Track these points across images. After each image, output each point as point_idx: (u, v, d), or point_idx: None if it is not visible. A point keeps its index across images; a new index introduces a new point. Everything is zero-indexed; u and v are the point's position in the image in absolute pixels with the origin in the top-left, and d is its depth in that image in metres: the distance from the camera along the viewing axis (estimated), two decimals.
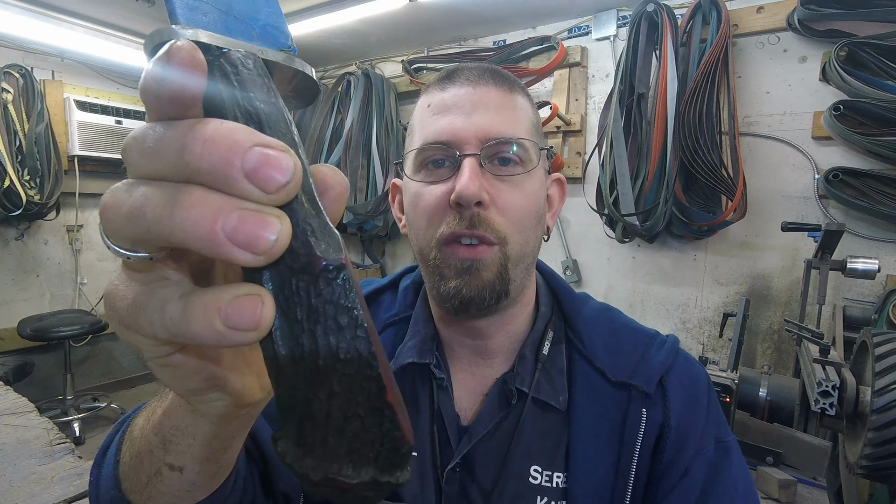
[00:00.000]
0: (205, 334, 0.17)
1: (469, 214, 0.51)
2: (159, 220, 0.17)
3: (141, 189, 0.18)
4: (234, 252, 0.16)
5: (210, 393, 0.25)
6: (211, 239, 0.16)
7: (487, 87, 0.54)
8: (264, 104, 0.19)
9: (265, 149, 0.17)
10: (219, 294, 0.17)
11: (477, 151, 0.52)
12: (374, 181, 2.93)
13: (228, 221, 0.16)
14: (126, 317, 0.20)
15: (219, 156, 0.16)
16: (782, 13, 1.96)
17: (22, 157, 2.86)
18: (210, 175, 0.17)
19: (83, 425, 2.97)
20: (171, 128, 0.18)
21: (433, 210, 0.53)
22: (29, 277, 3.23)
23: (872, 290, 1.84)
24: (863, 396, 1.18)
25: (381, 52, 3.15)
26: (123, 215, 0.18)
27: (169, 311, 0.18)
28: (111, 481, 0.36)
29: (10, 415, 1.11)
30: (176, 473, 0.31)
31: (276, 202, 0.17)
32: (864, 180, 1.79)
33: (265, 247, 0.17)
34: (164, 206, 0.17)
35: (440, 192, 0.52)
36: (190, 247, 0.17)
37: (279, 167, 0.17)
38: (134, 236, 0.19)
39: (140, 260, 0.20)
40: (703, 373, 0.58)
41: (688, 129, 1.98)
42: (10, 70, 2.86)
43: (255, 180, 0.17)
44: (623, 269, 2.46)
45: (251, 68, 0.20)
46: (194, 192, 0.17)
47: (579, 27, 2.52)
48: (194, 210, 0.16)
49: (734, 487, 0.51)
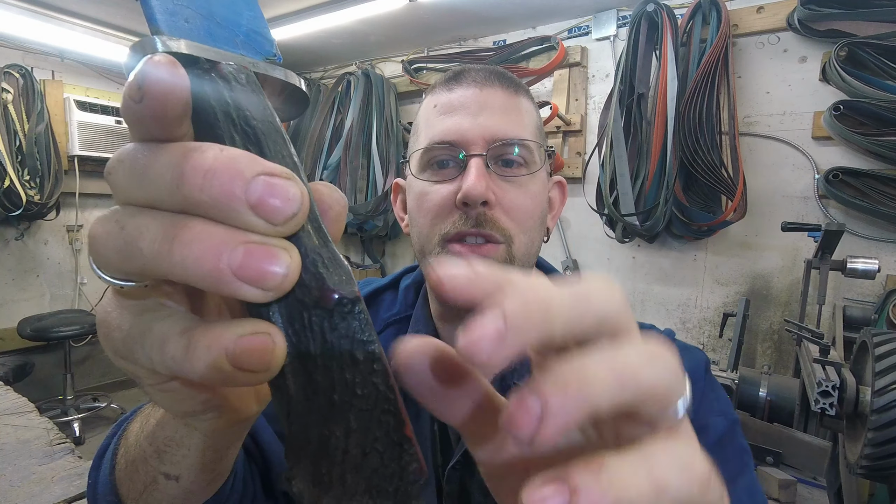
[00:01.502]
0: (210, 375, 0.16)
1: (475, 214, 0.51)
2: (156, 258, 0.16)
3: (133, 221, 0.17)
4: (242, 289, 0.15)
5: (207, 414, 0.24)
6: (215, 277, 0.15)
7: (494, 88, 0.55)
8: (262, 123, 0.18)
9: (270, 177, 0.16)
10: (224, 331, 0.16)
11: (483, 152, 0.52)
12: (374, 181, 2.93)
13: (234, 257, 0.15)
14: (121, 349, 0.19)
15: (221, 188, 0.15)
16: (782, 13, 1.96)
17: (22, 157, 2.86)
18: (211, 207, 0.16)
19: (83, 425, 2.97)
20: (164, 153, 0.16)
21: (438, 209, 0.53)
22: (29, 277, 3.23)
23: (872, 290, 1.84)
24: (863, 396, 1.18)
25: (381, 52, 3.15)
26: (115, 250, 0.17)
27: (170, 350, 0.17)
28: (108, 486, 0.36)
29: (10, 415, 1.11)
30: (172, 482, 0.31)
31: (283, 234, 0.16)
32: (864, 180, 1.79)
33: (274, 282, 0.16)
34: (162, 242, 0.16)
35: (446, 191, 0.53)
36: (192, 284, 0.16)
37: (286, 197, 0.16)
38: (128, 270, 0.17)
39: (132, 289, 0.19)
40: (701, 357, 0.58)
41: (688, 129, 1.98)
42: (10, 70, 2.87)
43: (261, 212, 0.16)
44: (623, 269, 2.46)
45: (244, 83, 0.19)
46: (195, 225, 0.16)
47: (579, 27, 2.52)
48: (196, 245, 0.15)
49: (741, 459, 0.51)
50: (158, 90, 0.16)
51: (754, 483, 0.49)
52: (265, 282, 0.16)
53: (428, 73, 2.94)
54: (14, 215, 2.83)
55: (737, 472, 0.49)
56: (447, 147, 0.53)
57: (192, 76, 0.18)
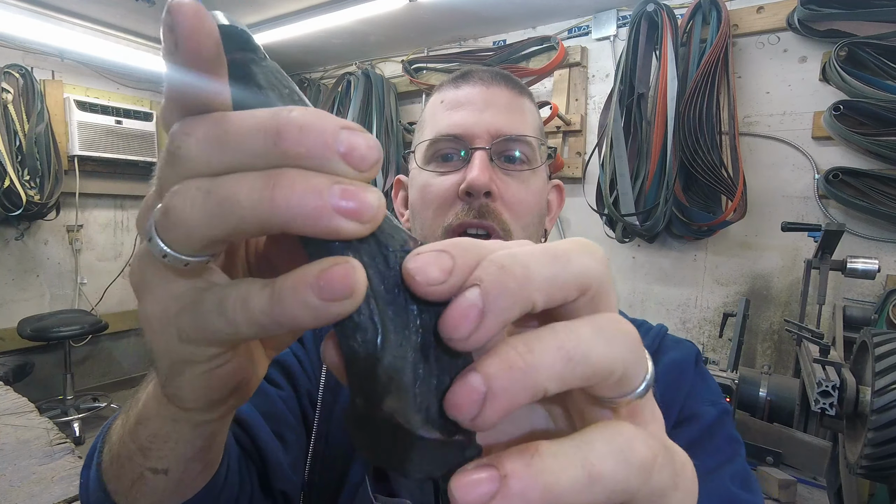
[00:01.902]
0: (300, 313, 0.17)
1: (478, 205, 0.52)
2: (259, 206, 0.17)
3: (221, 183, 0.18)
4: (341, 223, 0.17)
5: (227, 400, 0.25)
6: (318, 214, 0.17)
7: (499, 87, 0.57)
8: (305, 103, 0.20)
9: (351, 131, 0.17)
10: (305, 271, 0.17)
11: (487, 146, 0.54)
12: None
13: (332, 195, 0.17)
14: (192, 328, 0.20)
15: (316, 139, 0.17)
16: (782, 13, 1.96)
17: (22, 157, 2.86)
18: (307, 158, 0.17)
19: (83, 425, 2.97)
20: (246, 117, 0.18)
21: (442, 200, 0.55)
22: (29, 277, 3.23)
23: (872, 290, 1.84)
24: (863, 396, 1.18)
25: (381, 52, 3.15)
26: (205, 213, 0.17)
27: (255, 303, 0.18)
28: (96, 483, 0.36)
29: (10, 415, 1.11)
30: (160, 476, 0.31)
31: (367, 179, 0.18)
32: (864, 180, 1.79)
33: (370, 214, 0.17)
34: (263, 189, 0.17)
35: (449, 182, 0.54)
36: (293, 226, 0.17)
37: (368, 146, 0.18)
38: (218, 233, 0.18)
39: (197, 264, 0.19)
40: (692, 348, 0.58)
41: (688, 129, 1.98)
42: (10, 70, 2.87)
43: (350, 160, 0.17)
44: (623, 269, 2.46)
45: (285, 78, 0.21)
46: (292, 173, 0.17)
47: (579, 27, 2.52)
48: (298, 188, 0.17)
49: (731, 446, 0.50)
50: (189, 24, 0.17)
51: (745, 471, 0.49)
52: (363, 214, 0.17)
53: (428, 73, 2.94)
54: (14, 215, 2.83)
55: (726, 460, 0.49)
56: (452, 140, 0.55)
57: (248, 60, 0.20)
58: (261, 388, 0.54)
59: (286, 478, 0.51)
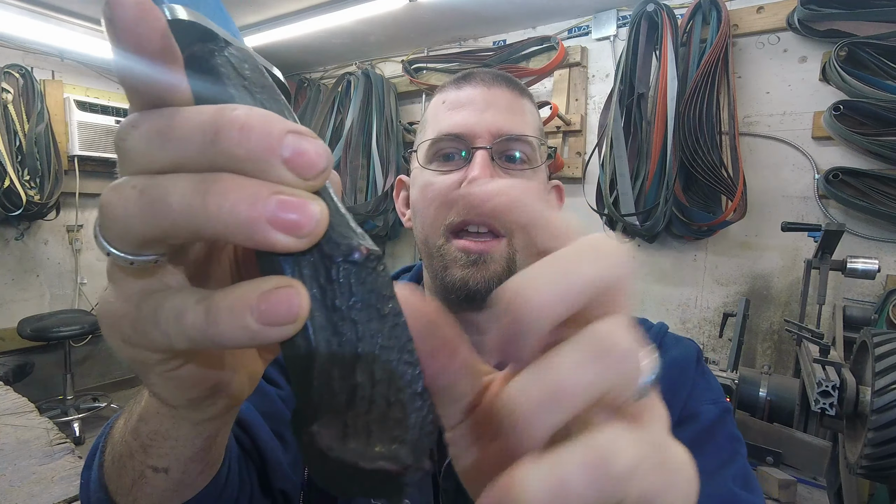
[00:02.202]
0: (236, 335, 0.16)
1: None
2: (189, 211, 0.16)
3: (156, 182, 0.17)
4: (275, 237, 0.16)
5: (209, 399, 0.25)
6: (251, 225, 0.16)
7: (500, 89, 0.57)
8: (276, 106, 0.19)
9: (300, 135, 0.16)
10: (245, 291, 0.16)
11: (488, 146, 0.54)
12: (374, 181, 2.93)
13: (268, 205, 0.16)
14: (132, 334, 0.19)
15: (257, 142, 0.16)
16: (782, 13, 1.96)
17: (22, 157, 2.86)
18: (246, 161, 0.16)
19: (83, 425, 2.97)
20: (193, 112, 0.17)
21: (443, 198, 0.55)
22: (29, 277, 3.23)
23: (872, 290, 1.84)
24: (863, 396, 1.18)
25: (381, 52, 3.15)
26: (138, 212, 0.17)
27: (189, 319, 0.17)
28: (97, 484, 0.36)
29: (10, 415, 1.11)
30: (161, 475, 0.30)
31: (311, 188, 0.17)
32: (864, 180, 1.79)
33: (308, 229, 0.16)
34: (194, 195, 0.16)
35: (451, 181, 0.55)
36: (225, 236, 0.16)
37: (316, 153, 0.17)
38: (150, 234, 0.17)
39: (143, 264, 0.19)
40: (693, 347, 0.58)
41: (688, 129, 1.98)
42: (10, 70, 2.87)
43: (293, 167, 0.16)
44: None
45: (255, 66, 0.19)
46: (227, 178, 0.16)
47: (579, 27, 2.52)
48: (231, 195, 0.16)
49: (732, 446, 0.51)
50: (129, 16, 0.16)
51: (746, 470, 0.49)
52: (299, 229, 0.16)
53: (428, 73, 2.94)
54: (14, 215, 2.83)
55: (727, 459, 0.49)
56: (454, 139, 0.56)
57: (208, 51, 0.19)
58: (260, 388, 0.54)
59: (286, 477, 0.51)
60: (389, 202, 2.94)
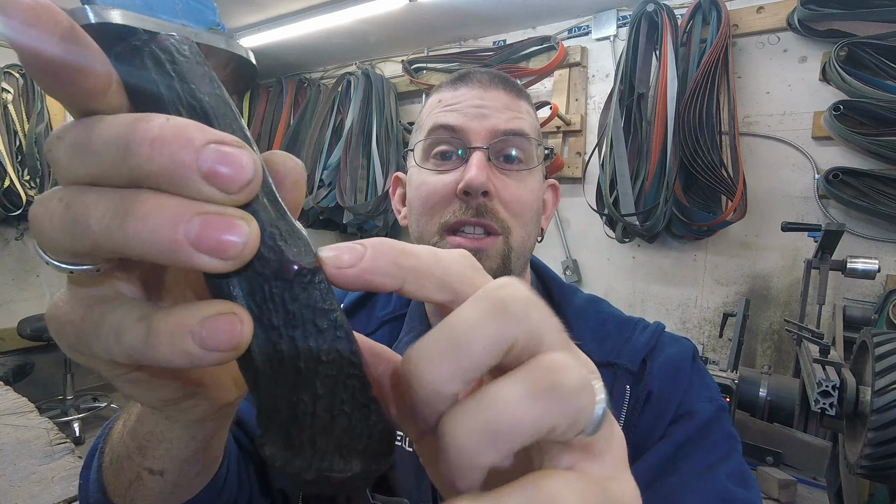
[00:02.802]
0: (175, 359, 0.16)
1: (475, 204, 0.53)
2: (108, 233, 0.15)
3: (80, 197, 0.16)
4: (200, 259, 0.15)
5: (184, 401, 0.24)
6: (173, 249, 0.15)
7: (497, 90, 0.57)
8: (208, 96, 0.17)
9: (221, 146, 0.15)
10: (187, 314, 0.16)
11: (484, 146, 0.54)
12: (374, 181, 2.93)
13: (191, 227, 0.15)
14: (75, 343, 0.18)
15: (171, 156, 0.15)
16: (782, 13, 1.96)
17: (22, 157, 2.87)
18: (161, 178, 0.15)
19: (83, 425, 2.97)
20: (106, 124, 0.16)
21: (439, 197, 0.55)
22: (29, 277, 3.23)
23: (872, 290, 1.83)
24: (863, 396, 1.18)
25: (381, 52, 3.14)
26: (61, 228, 0.16)
27: (127, 339, 0.16)
28: (96, 485, 0.36)
29: (10, 415, 1.11)
30: (157, 477, 0.30)
31: (238, 202, 0.16)
32: (864, 180, 1.79)
33: (234, 251, 0.15)
34: (113, 217, 0.15)
35: (447, 180, 0.55)
36: (148, 258, 0.15)
37: (239, 164, 0.15)
38: (76, 250, 0.17)
39: (83, 272, 0.18)
40: (689, 345, 0.59)
41: (688, 129, 1.98)
42: (10, 70, 2.87)
43: (214, 181, 0.15)
44: (623, 269, 2.46)
45: (187, 55, 0.18)
46: (147, 198, 0.15)
47: (579, 27, 2.52)
48: (150, 218, 0.15)
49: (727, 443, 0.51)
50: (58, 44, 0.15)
51: (742, 467, 0.50)
52: (225, 251, 0.15)
53: (428, 73, 2.94)
54: (14, 215, 2.84)
55: (723, 457, 0.50)
56: (449, 133, 0.55)
57: (130, 48, 0.17)
58: None
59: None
60: (389, 202, 2.94)
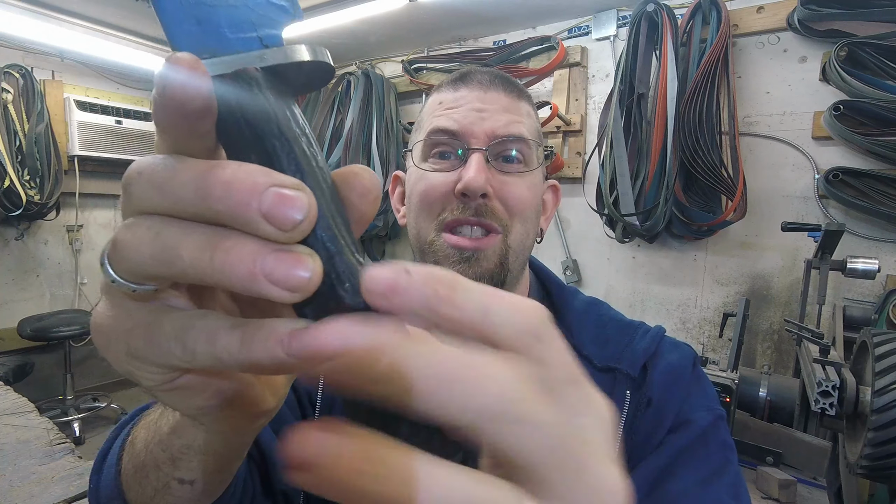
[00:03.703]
0: (267, 364, 0.18)
1: (474, 205, 0.53)
2: (197, 263, 0.18)
3: (170, 230, 0.18)
4: (273, 291, 0.17)
5: (222, 409, 0.25)
6: (250, 280, 0.17)
7: (497, 91, 0.57)
8: (279, 135, 0.19)
9: (280, 188, 0.17)
10: (275, 328, 0.18)
11: (484, 147, 0.54)
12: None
13: (266, 263, 0.17)
14: (143, 348, 0.20)
15: (238, 198, 0.17)
16: (782, 13, 1.96)
17: (22, 157, 2.86)
18: (230, 217, 0.17)
19: (83, 425, 2.97)
20: (189, 166, 0.18)
21: (437, 196, 0.55)
22: (29, 277, 3.23)
23: (872, 290, 1.84)
24: (863, 396, 1.18)
25: (381, 52, 3.15)
26: (150, 255, 0.18)
27: (222, 342, 0.19)
28: (113, 490, 0.36)
29: (10, 415, 1.11)
30: (186, 486, 0.31)
31: (295, 239, 0.18)
32: (864, 180, 1.79)
33: (300, 284, 0.17)
34: (203, 249, 0.18)
35: (446, 180, 0.54)
36: (227, 287, 0.18)
37: (293, 206, 0.17)
38: (160, 274, 0.19)
39: (145, 291, 0.20)
40: (689, 352, 0.59)
41: (688, 129, 1.98)
42: (10, 70, 2.87)
43: (273, 221, 0.17)
44: (623, 269, 2.46)
45: (265, 88, 0.19)
46: (230, 234, 0.18)
47: (579, 27, 2.52)
48: (233, 253, 0.17)
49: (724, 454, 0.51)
50: (178, 86, 0.17)
51: (737, 479, 0.50)
52: (291, 284, 0.17)
53: (428, 73, 2.94)
54: (14, 215, 2.83)
55: (719, 468, 0.50)
56: (449, 136, 0.55)
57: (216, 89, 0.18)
58: None
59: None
60: (389, 202, 2.94)
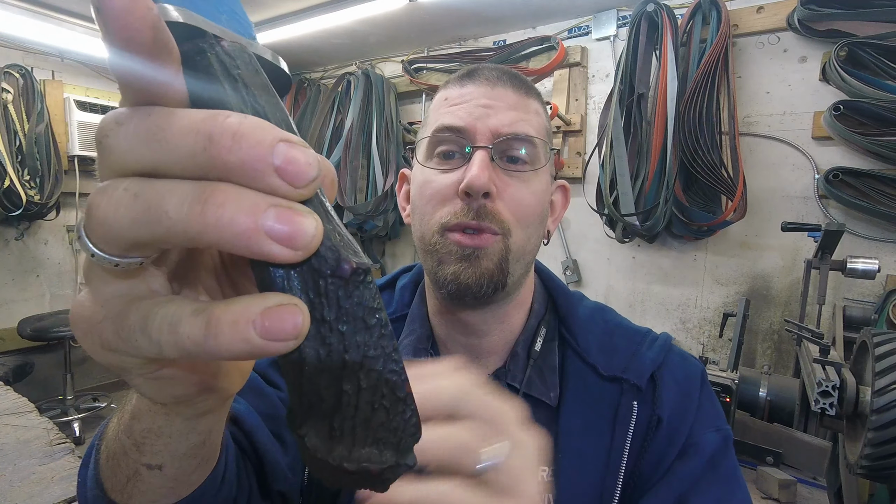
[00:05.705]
0: (236, 348, 0.16)
1: (476, 206, 0.52)
2: (186, 220, 0.16)
3: (151, 187, 0.16)
4: (273, 248, 0.16)
5: (199, 396, 0.25)
6: (249, 237, 0.16)
7: (505, 88, 0.55)
8: (268, 104, 0.19)
9: (290, 144, 0.16)
10: (248, 306, 0.17)
11: (489, 145, 0.53)
12: (374, 181, 2.93)
13: (266, 217, 0.16)
14: (113, 340, 0.19)
15: (249, 150, 0.16)
16: (782, 13, 1.96)
17: (22, 157, 2.86)
18: (238, 170, 0.16)
19: (83, 425, 2.97)
20: (185, 115, 0.16)
21: (441, 196, 0.54)
22: (29, 277, 3.23)
23: (872, 290, 1.83)
24: (863, 396, 1.18)
25: (381, 52, 3.15)
26: (130, 217, 0.16)
27: (185, 330, 0.17)
28: (93, 482, 0.36)
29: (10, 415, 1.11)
30: (155, 472, 0.30)
31: (303, 197, 0.17)
32: (864, 180, 1.79)
33: (303, 242, 0.16)
34: (193, 204, 0.16)
35: (449, 180, 0.54)
36: (221, 246, 0.16)
37: (306, 161, 0.16)
38: (142, 239, 0.17)
39: (128, 266, 0.18)
40: (698, 367, 0.58)
41: (688, 129, 1.98)
42: (10, 70, 2.86)
43: (285, 175, 0.16)
44: (623, 269, 2.46)
45: (248, 62, 0.19)
46: (226, 188, 0.16)
47: (579, 27, 2.52)
48: (229, 206, 0.16)
49: (734, 475, 0.51)
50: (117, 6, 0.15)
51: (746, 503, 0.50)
52: (296, 242, 0.16)
53: (428, 73, 2.94)
54: (14, 215, 2.83)
55: (729, 493, 0.50)
56: (454, 133, 0.54)
57: (197, 49, 0.18)
58: (260, 389, 0.54)
59: (284, 479, 0.51)
60: (389, 202, 2.94)
